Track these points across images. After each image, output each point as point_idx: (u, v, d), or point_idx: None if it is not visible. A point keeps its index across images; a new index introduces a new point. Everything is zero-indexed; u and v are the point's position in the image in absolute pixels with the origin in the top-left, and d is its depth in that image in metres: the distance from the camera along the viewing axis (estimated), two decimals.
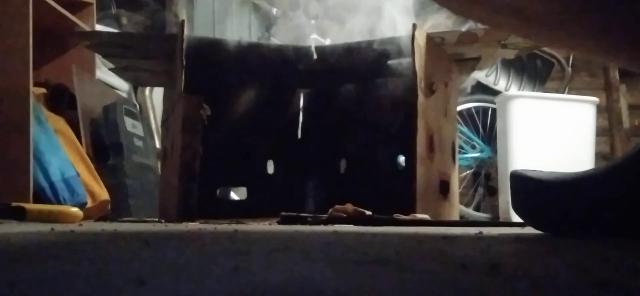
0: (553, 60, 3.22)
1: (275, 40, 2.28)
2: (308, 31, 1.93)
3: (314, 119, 1.61)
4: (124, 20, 2.93)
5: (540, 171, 0.85)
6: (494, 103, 3.02)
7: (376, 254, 0.53)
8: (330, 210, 1.24)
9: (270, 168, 1.61)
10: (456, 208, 1.52)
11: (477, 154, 3.13)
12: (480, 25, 1.33)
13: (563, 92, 3.20)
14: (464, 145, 3.07)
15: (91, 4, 2.31)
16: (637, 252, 0.60)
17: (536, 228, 0.85)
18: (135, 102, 2.49)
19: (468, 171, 3.08)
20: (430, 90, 1.40)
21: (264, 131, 1.59)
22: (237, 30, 3.00)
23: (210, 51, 1.53)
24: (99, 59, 2.23)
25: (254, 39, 2.61)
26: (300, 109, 1.63)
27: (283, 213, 1.24)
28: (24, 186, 1.70)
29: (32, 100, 1.77)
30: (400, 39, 1.47)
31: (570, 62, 3.25)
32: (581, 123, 2.82)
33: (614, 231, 0.75)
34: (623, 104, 3.41)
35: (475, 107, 3.11)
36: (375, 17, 1.51)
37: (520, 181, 0.84)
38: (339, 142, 1.56)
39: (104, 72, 2.27)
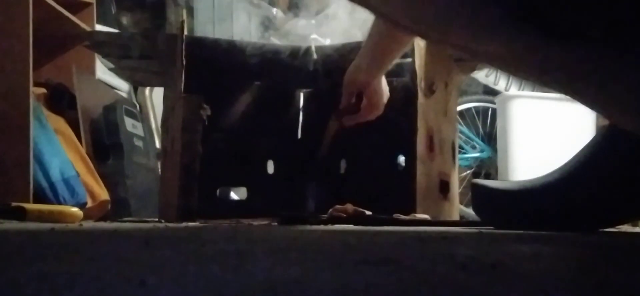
0: None
1: (276, 40, 2.28)
2: (308, 31, 1.93)
3: (314, 119, 1.61)
4: (124, 21, 2.93)
5: (499, 181, 1.03)
6: (494, 103, 3.02)
7: (376, 254, 0.53)
8: (330, 210, 1.23)
9: (270, 168, 1.61)
10: (456, 208, 1.52)
11: (477, 154, 3.13)
12: None
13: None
14: (464, 145, 3.07)
15: (91, 4, 2.31)
16: (637, 252, 0.60)
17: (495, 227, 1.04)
18: (135, 102, 2.49)
19: (468, 171, 3.08)
20: (430, 90, 1.40)
21: (264, 131, 1.59)
22: (237, 30, 3.00)
23: (210, 51, 1.53)
24: (99, 59, 2.23)
25: (254, 39, 2.61)
26: (300, 109, 1.63)
27: (283, 213, 1.23)
28: (24, 186, 1.70)
29: (32, 100, 1.77)
30: None
31: None
32: (581, 123, 2.82)
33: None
34: None
35: (475, 107, 3.11)
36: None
37: (480, 189, 1.06)
38: (339, 142, 1.56)
39: (104, 72, 2.27)
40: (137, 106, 2.44)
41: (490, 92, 3.12)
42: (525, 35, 0.57)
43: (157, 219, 1.52)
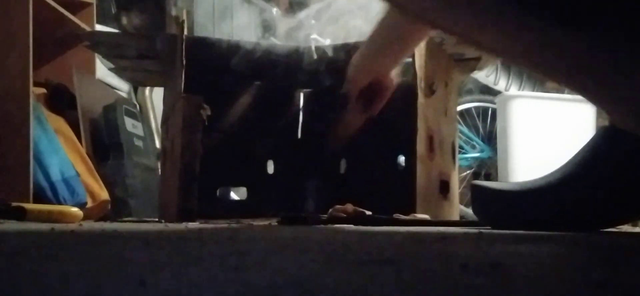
0: None
1: (276, 41, 2.28)
2: (308, 31, 1.92)
3: (314, 119, 1.61)
4: (124, 20, 2.93)
5: (498, 182, 1.02)
6: (494, 103, 3.02)
7: (376, 254, 0.53)
8: (330, 210, 1.23)
9: (270, 168, 1.61)
10: (456, 208, 1.52)
11: (477, 154, 3.13)
12: None
13: (563, 92, 3.20)
14: (464, 145, 3.07)
15: (91, 4, 2.31)
16: (637, 252, 0.60)
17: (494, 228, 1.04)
18: (135, 102, 2.49)
19: (468, 171, 3.09)
20: (430, 90, 1.40)
21: (264, 131, 1.59)
22: (237, 30, 3.00)
23: (210, 51, 1.53)
24: (99, 59, 2.23)
25: (254, 39, 2.61)
26: (300, 109, 1.63)
27: (283, 213, 1.23)
28: (24, 186, 1.70)
29: (32, 100, 1.77)
30: None
31: None
32: (581, 123, 2.82)
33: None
34: None
35: (475, 107, 3.11)
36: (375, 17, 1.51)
37: (479, 190, 1.05)
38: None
39: (105, 72, 2.28)
40: (137, 106, 2.44)
41: (490, 92, 3.13)
42: (532, 24, 0.57)
43: (157, 219, 1.52)
